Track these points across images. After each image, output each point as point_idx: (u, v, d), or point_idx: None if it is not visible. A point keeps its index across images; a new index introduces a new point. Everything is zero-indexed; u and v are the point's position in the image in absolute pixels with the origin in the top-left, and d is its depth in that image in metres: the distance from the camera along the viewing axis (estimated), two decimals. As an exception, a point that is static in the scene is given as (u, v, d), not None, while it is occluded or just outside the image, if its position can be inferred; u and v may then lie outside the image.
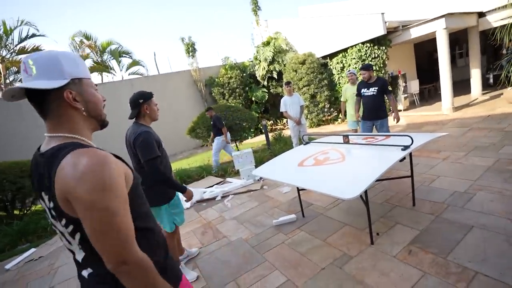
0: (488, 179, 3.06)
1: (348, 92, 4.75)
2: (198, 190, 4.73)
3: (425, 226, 2.45)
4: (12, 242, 4.29)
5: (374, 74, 4.11)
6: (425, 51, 11.16)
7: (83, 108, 0.82)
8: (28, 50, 9.74)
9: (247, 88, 11.36)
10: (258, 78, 11.09)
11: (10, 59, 9.82)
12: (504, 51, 7.14)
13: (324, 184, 2.14)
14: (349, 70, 4.69)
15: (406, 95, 8.57)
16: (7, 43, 9.59)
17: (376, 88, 3.91)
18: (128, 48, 13.74)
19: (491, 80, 9.07)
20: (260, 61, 10.78)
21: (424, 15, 7.70)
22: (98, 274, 0.84)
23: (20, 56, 10.28)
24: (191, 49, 11.33)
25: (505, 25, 6.09)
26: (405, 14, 9.37)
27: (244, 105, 10.97)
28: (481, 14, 7.48)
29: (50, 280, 3.03)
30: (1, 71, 9.56)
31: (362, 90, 4.05)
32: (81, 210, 0.71)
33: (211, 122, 6.06)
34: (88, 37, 12.49)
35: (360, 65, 7.95)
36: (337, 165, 2.40)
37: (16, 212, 5.35)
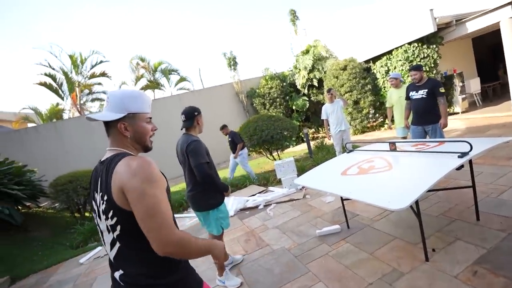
0: None
1: (393, 96, 4.46)
2: (241, 198, 4.87)
3: (494, 245, 2.15)
4: (85, 240, 4.95)
5: (425, 75, 3.80)
6: (487, 45, 9.94)
7: (129, 136, 1.06)
8: (97, 74, 11.33)
9: (287, 97, 11.43)
10: (298, 87, 11.08)
11: (84, 83, 11.51)
12: None
13: (369, 193, 2.06)
14: (390, 75, 4.50)
15: (464, 95, 7.70)
16: (82, 70, 11.31)
17: (426, 90, 3.59)
18: (175, 66, 15.05)
19: None
20: (300, 69, 10.80)
21: (483, 5, 6.92)
22: (129, 275, 0.98)
23: (91, 80, 12.01)
24: (232, 62, 11.88)
25: None
26: (459, 6, 8.53)
27: (285, 114, 11.04)
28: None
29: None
30: (78, 94, 11.25)
31: (411, 93, 3.76)
32: (134, 198, 0.89)
33: (229, 139, 6.10)
34: (142, 59, 14.00)
35: (408, 67, 7.44)
36: (384, 173, 2.28)
37: (87, 214, 6.16)
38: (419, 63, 7.22)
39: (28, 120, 12.15)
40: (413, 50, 7.32)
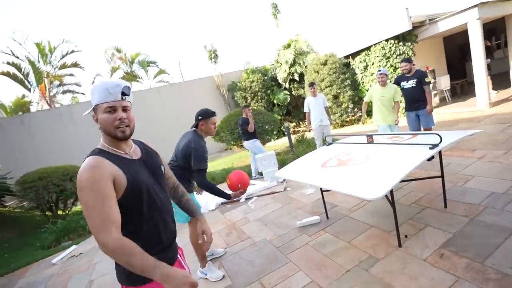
0: (531, 179, 2.83)
1: (376, 94, 4.23)
2: (223, 192, 4.84)
3: (459, 229, 2.32)
4: (57, 239, 4.71)
5: (413, 67, 4.10)
6: (456, 44, 10.50)
7: (100, 127, 1.10)
8: (68, 65, 10.66)
9: (269, 91, 11.44)
10: (280, 81, 11.12)
11: (53, 74, 10.78)
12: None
13: (347, 184, 2.12)
14: (380, 70, 4.11)
15: (435, 92, 8.13)
16: (51, 59, 10.57)
17: (415, 80, 3.96)
18: (154, 58, 14.56)
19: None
20: (281, 63, 10.83)
21: (453, 6, 7.29)
22: None
23: (62, 71, 11.27)
24: (213, 55, 11.67)
25: (548, 11, 5.59)
26: (432, 6, 8.92)
27: (266, 108, 11.06)
28: (520, 1, 6.91)
29: (89, 274, 3.29)
30: (47, 85, 10.53)
31: (402, 83, 4.09)
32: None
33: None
34: (119, 50, 13.37)
35: (385, 63, 7.72)
36: (361, 165, 2.36)
37: (59, 212, 5.85)
38: (395, 59, 7.50)
39: (-11, 113, 11.26)
40: (390, 47, 7.58)
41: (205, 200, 4.42)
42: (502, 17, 7.26)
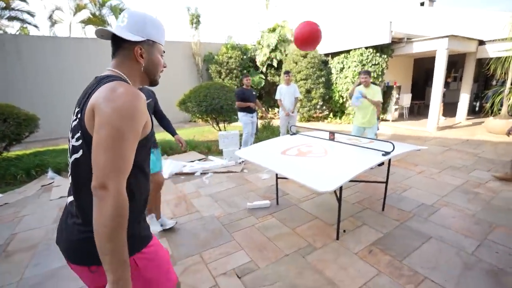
0: (454, 197, 3.24)
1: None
2: (178, 163, 4.70)
3: (389, 231, 2.58)
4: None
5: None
6: (423, 68, 11.37)
7: (143, 65, 0.98)
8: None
9: (245, 71, 11.17)
10: (258, 64, 10.91)
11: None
12: (494, 82, 7.42)
13: (302, 174, 2.18)
14: (364, 70, 4.09)
15: (397, 107, 8.77)
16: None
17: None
18: (129, 7, 13.08)
19: (477, 108, 9.45)
20: (262, 46, 10.59)
21: (427, 33, 7.80)
22: (72, 203, 0.90)
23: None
24: (195, 20, 10.91)
25: (500, 57, 6.30)
26: (409, 28, 9.45)
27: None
28: (481, 42, 7.67)
29: (13, 227, 2.96)
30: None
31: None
32: (97, 123, 0.78)
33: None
34: (87, -14, 11.73)
35: (360, 69, 8.02)
36: (319, 159, 2.45)
37: (-16, 155, 5.09)
38: (370, 68, 7.84)
39: None
40: (368, 55, 7.88)
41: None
42: (463, 53, 8.00)
